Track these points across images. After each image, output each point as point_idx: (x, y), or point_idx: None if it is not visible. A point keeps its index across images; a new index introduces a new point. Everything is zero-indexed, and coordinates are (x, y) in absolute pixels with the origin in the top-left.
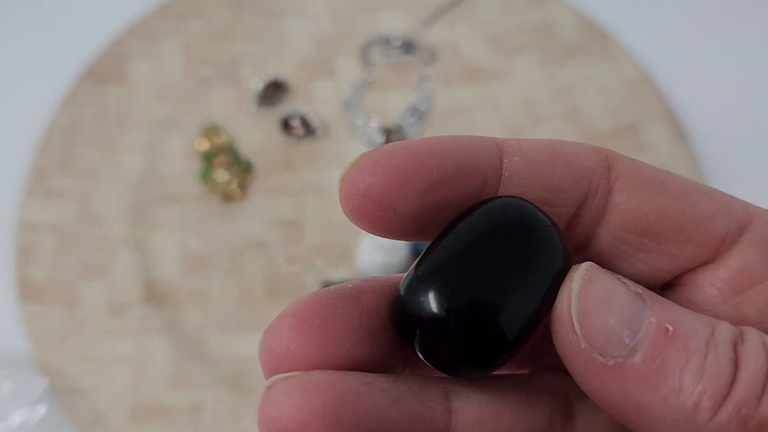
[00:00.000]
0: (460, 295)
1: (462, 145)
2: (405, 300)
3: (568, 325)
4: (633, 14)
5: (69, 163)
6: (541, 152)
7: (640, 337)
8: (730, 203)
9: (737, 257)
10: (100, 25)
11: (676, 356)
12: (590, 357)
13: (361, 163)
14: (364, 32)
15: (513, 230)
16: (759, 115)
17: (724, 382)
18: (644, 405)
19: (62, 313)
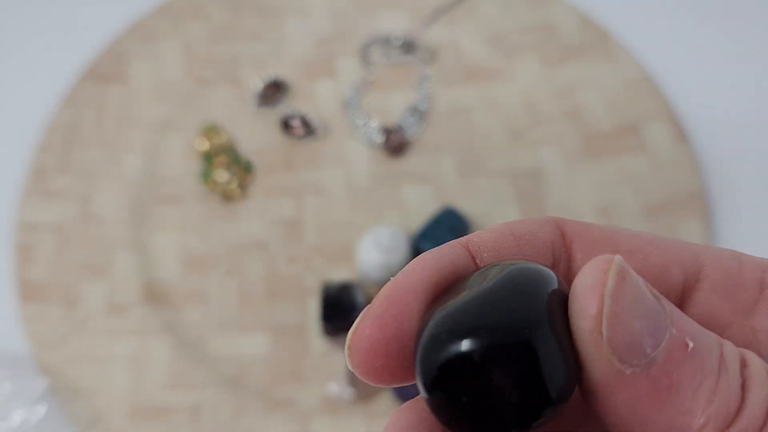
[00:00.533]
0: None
1: (438, 266)
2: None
3: (596, 322)
4: (633, 14)
5: (69, 162)
6: (505, 242)
7: (661, 348)
8: (678, 252)
9: (699, 303)
10: (101, 25)
11: (692, 375)
12: (609, 361)
13: (360, 329)
14: (364, 32)
15: (526, 286)
16: (759, 115)
17: (732, 410)
18: (649, 419)
19: (62, 314)
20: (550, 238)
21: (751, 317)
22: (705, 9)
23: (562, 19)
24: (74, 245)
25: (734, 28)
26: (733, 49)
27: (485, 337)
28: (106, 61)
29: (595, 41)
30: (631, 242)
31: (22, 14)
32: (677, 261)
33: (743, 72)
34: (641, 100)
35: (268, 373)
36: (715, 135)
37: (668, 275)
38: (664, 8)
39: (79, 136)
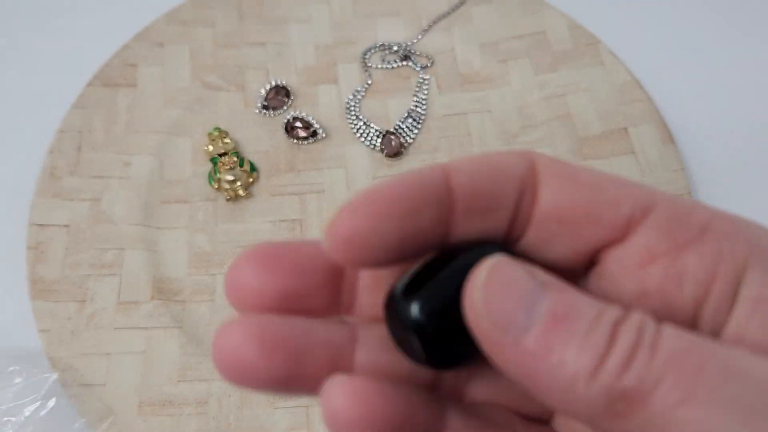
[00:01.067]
0: (436, 312)
1: (415, 183)
2: (399, 301)
3: (472, 308)
4: (623, 21)
5: (80, 165)
6: (481, 167)
7: (533, 319)
8: (635, 189)
9: (640, 236)
10: (111, 32)
11: (562, 336)
12: (494, 334)
13: (341, 214)
14: (363, 39)
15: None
16: (744, 117)
17: (598, 357)
18: (535, 376)
19: (73, 310)
20: (522, 170)
21: (684, 254)
22: (692, 16)
23: (554, 26)
24: (85, 244)
25: (720, 33)
26: (719, 54)
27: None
28: (115, 67)
29: (585, 47)
30: (590, 178)
31: (35, 23)
32: (630, 197)
33: (729, 76)
34: (630, 103)
35: None
36: (702, 137)
37: (618, 208)
38: (653, 15)
39: (89, 139)
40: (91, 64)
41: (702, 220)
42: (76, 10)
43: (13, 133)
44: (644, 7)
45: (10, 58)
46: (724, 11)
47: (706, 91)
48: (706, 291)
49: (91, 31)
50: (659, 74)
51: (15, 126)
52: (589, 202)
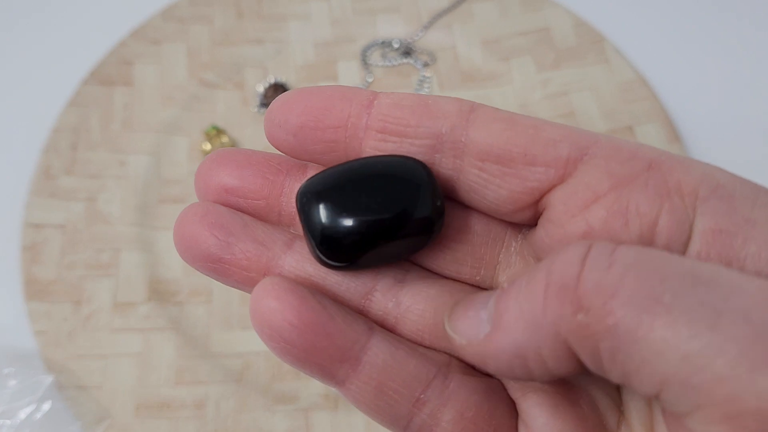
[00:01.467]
0: (337, 215)
1: (337, 95)
2: (301, 200)
3: (452, 341)
4: (628, 17)
5: (75, 163)
6: (407, 98)
7: (489, 311)
8: (574, 131)
9: (581, 176)
10: (106, 28)
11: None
12: (466, 344)
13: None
14: (363, 36)
15: (399, 178)
16: (751, 116)
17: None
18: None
19: (68, 311)
20: (450, 108)
21: (627, 190)
22: (698, 12)
23: (557, 22)
24: (80, 244)
25: (727, 30)
26: (726, 51)
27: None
28: (111, 64)
29: (589, 44)
30: (529, 122)
31: (30, 18)
32: (569, 137)
33: (735, 73)
34: (635, 102)
35: (271, 369)
36: (708, 135)
37: (555, 148)
38: (658, 11)
39: (85, 138)
40: (85, 60)
41: (646, 157)
42: (70, 6)
43: (6, 132)
44: (651, 3)
45: (2, 55)
46: (732, 7)
47: (715, 89)
48: (652, 226)
49: (86, 28)
50: (666, 72)
51: (8, 124)
52: (525, 142)
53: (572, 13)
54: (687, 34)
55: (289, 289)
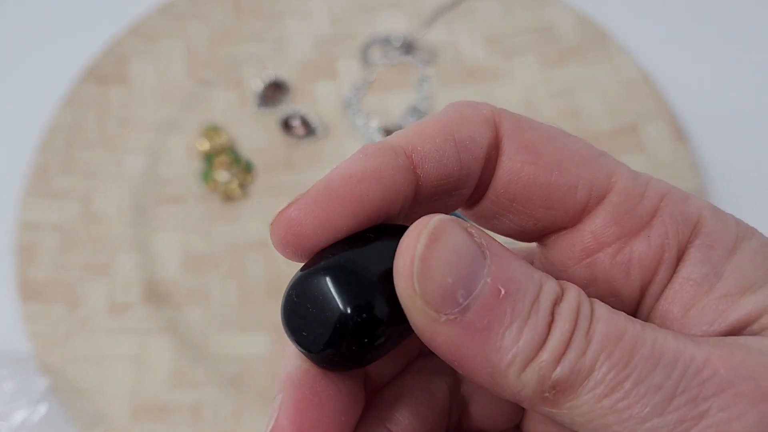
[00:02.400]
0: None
1: (376, 178)
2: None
3: (408, 281)
4: (632, 15)
5: (71, 163)
6: (447, 151)
7: (474, 296)
8: (595, 172)
9: (591, 223)
10: (102, 25)
11: (502, 318)
12: (425, 311)
13: (290, 207)
14: (364, 33)
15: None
16: (758, 115)
17: (535, 347)
18: (467, 357)
19: (64, 313)
20: (486, 142)
21: (632, 241)
22: (703, 9)
23: (561, 19)
24: (76, 245)
25: (732, 27)
26: (731, 49)
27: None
28: (107, 62)
29: (593, 42)
30: (553, 157)
31: (24, 15)
32: (589, 180)
33: (742, 72)
34: (640, 100)
35: (269, 373)
36: (714, 135)
37: (574, 194)
38: (663, 8)
39: (80, 137)
40: (81, 58)
41: (651, 204)
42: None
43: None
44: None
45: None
46: (738, 4)
47: (720, 88)
48: (652, 275)
49: (81, 24)
50: (670, 70)
51: (2, 122)
52: (546, 185)
53: (575, 11)
54: (692, 31)
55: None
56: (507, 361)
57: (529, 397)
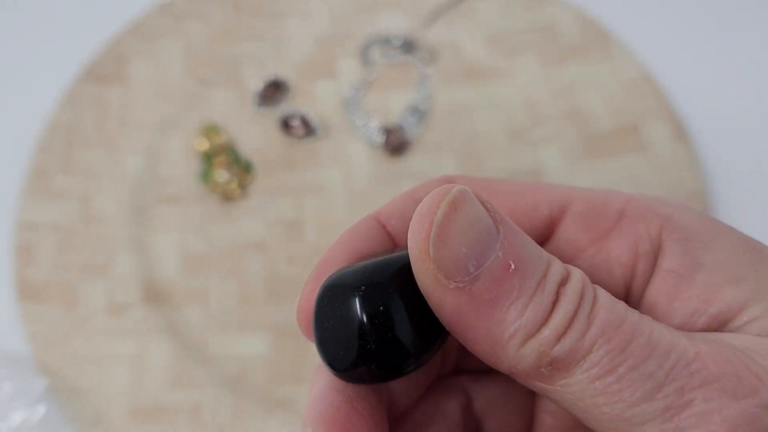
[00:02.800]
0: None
1: (354, 242)
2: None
3: (423, 245)
4: (633, 13)
5: (69, 163)
6: (407, 207)
7: (485, 268)
8: (551, 192)
9: (562, 233)
10: (100, 24)
11: (509, 292)
12: (436, 276)
13: (299, 302)
14: (364, 32)
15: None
16: (759, 115)
17: (538, 323)
18: (470, 326)
19: (62, 313)
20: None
21: (606, 242)
22: (705, 8)
23: (562, 19)
24: (74, 245)
25: (734, 27)
26: (733, 48)
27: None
28: (106, 61)
29: (594, 41)
30: (509, 188)
31: (22, 14)
32: (547, 199)
33: (744, 72)
34: (641, 99)
35: (268, 374)
36: (716, 134)
37: (537, 211)
38: (664, 8)
39: (79, 136)
40: (79, 57)
41: (617, 207)
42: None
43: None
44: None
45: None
46: (741, 4)
47: (722, 88)
48: (632, 270)
49: (80, 23)
50: (672, 69)
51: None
52: (509, 210)
53: (576, 10)
54: (693, 31)
55: None
56: (509, 333)
57: (525, 371)
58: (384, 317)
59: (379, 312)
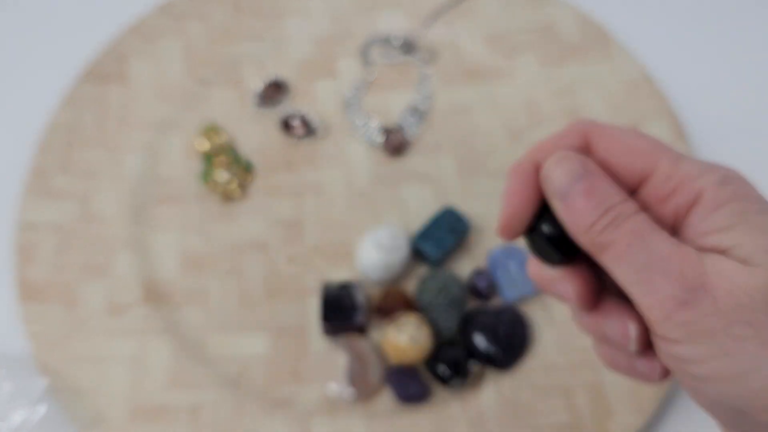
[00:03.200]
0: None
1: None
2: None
3: (544, 177)
4: (633, 14)
5: (69, 163)
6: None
7: (572, 189)
8: (648, 150)
9: (648, 186)
10: (101, 25)
11: (584, 207)
12: (552, 195)
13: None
14: (364, 32)
15: None
16: (757, 114)
17: (592, 221)
18: (569, 220)
19: (62, 313)
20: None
21: (674, 196)
22: (704, 9)
23: (562, 19)
24: (74, 245)
25: (733, 27)
26: (733, 49)
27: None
28: (106, 61)
29: (594, 41)
30: (624, 138)
31: (23, 14)
32: (642, 158)
33: (742, 71)
34: (641, 99)
35: (268, 373)
36: (715, 134)
37: (634, 163)
38: (664, 8)
39: (79, 136)
40: (79, 57)
41: (689, 183)
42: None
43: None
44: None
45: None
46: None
47: (721, 87)
48: (678, 213)
49: (80, 23)
50: (671, 69)
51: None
52: (616, 151)
53: (576, 10)
54: (693, 31)
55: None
56: (581, 224)
57: (590, 246)
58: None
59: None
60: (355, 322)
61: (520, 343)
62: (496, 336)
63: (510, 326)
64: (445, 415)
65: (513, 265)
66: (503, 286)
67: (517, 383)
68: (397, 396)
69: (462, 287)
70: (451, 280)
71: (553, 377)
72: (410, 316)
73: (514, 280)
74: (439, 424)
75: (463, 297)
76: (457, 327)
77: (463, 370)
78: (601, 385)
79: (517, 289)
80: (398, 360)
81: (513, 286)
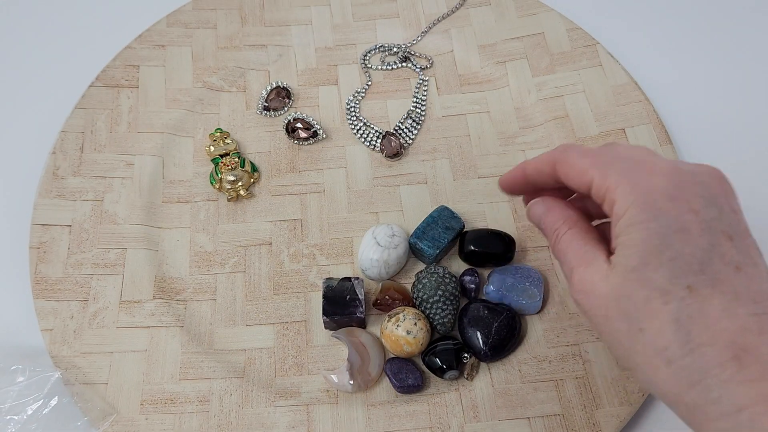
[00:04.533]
0: None
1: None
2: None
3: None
4: (620, 23)
5: (82, 165)
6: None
7: (540, 221)
8: (590, 168)
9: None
10: (113, 33)
11: (544, 227)
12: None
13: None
14: (363, 41)
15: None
16: (738, 117)
17: (554, 236)
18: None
19: (75, 309)
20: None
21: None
22: (689, 18)
23: (552, 28)
24: (87, 243)
25: (717, 35)
26: (715, 56)
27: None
28: (118, 68)
29: (583, 49)
30: (577, 160)
31: (38, 24)
32: (587, 178)
33: (725, 76)
34: (628, 105)
35: (273, 365)
36: (699, 138)
37: (584, 178)
38: (650, 17)
39: (92, 140)
40: (92, 65)
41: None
42: (77, 11)
43: (15, 134)
44: (642, 9)
45: (11, 59)
46: (722, 13)
47: (704, 92)
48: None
49: (93, 32)
50: (657, 76)
51: (17, 126)
52: (566, 174)
53: (566, 19)
54: (678, 38)
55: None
56: (550, 242)
57: (555, 253)
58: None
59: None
60: (356, 316)
61: (513, 337)
62: (489, 330)
63: (503, 320)
64: (441, 405)
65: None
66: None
67: (509, 375)
68: (395, 386)
69: (457, 283)
70: (447, 277)
71: (543, 369)
72: (408, 310)
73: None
74: (435, 413)
75: (458, 292)
76: (452, 321)
77: (457, 362)
78: (589, 378)
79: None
80: (396, 352)
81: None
